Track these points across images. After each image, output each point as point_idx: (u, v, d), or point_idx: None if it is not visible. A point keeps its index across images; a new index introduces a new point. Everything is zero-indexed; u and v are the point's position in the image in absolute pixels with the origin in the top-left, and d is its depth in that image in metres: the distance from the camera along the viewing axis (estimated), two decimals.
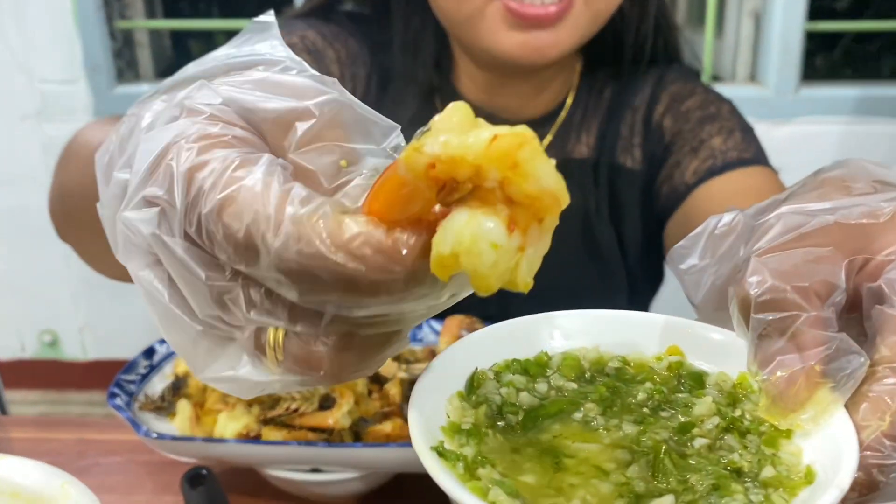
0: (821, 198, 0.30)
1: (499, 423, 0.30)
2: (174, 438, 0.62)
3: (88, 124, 0.72)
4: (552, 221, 0.26)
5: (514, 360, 0.33)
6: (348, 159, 0.29)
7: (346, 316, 0.27)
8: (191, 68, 0.33)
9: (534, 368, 0.33)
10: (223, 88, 0.30)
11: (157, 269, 0.30)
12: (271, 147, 0.30)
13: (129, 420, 0.64)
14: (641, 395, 0.30)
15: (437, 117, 0.27)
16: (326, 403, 0.65)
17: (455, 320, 0.74)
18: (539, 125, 0.83)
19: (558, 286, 0.67)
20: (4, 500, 0.57)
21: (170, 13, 2.52)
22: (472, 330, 0.73)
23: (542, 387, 0.32)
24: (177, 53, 2.59)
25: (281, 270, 0.26)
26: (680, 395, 0.30)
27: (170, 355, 0.75)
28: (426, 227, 0.26)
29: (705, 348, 0.31)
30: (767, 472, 0.25)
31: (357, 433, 0.65)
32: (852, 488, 0.23)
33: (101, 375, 2.40)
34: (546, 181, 0.25)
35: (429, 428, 0.29)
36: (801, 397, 0.26)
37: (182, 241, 0.28)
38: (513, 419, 0.30)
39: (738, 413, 0.28)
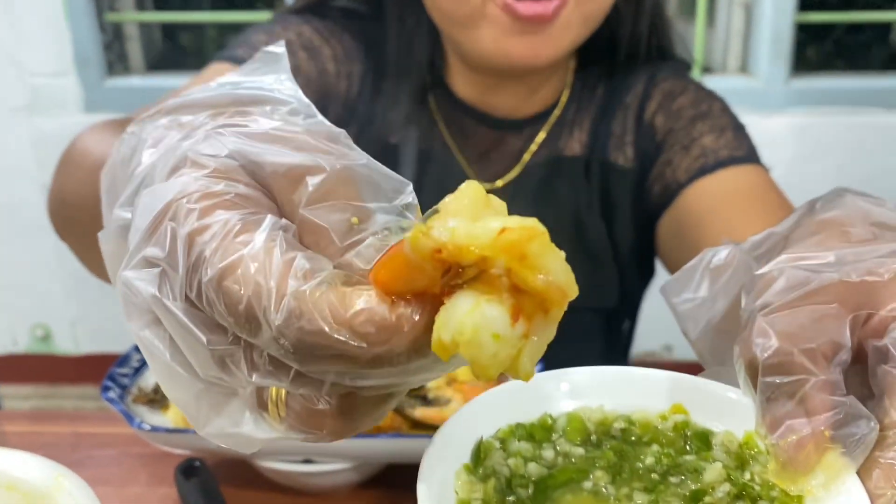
0: (820, 245, 0.30)
1: (509, 498, 0.30)
2: (168, 430, 0.62)
3: (87, 130, 0.71)
4: (558, 313, 0.26)
5: (519, 424, 0.33)
6: (360, 216, 0.29)
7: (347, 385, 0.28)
8: (197, 92, 0.33)
9: (539, 433, 0.32)
10: (230, 140, 0.29)
11: (158, 328, 0.29)
12: (279, 202, 0.29)
13: (122, 413, 0.64)
14: (650, 460, 0.30)
15: (447, 198, 0.26)
16: None
17: None
18: (532, 123, 0.83)
19: None
20: (1, 494, 0.57)
21: (160, 6, 2.50)
22: None
23: (548, 454, 0.32)
24: (167, 46, 2.58)
25: (282, 345, 0.26)
26: (687, 457, 0.30)
27: None
28: (431, 300, 0.26)
29: (710, 405, 0.31)
30: None
31: None
32: None
33: (94, 369, 2.40)
34: (554, 275, 0.25)
35: None
36: (811, 462, 0.26)
37: (182, 303, 0.28)
38: (523, 493, 0.30)
39: (747, 477, 0.28)
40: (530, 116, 0.83)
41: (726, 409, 0.30)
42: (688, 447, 0.31)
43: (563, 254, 0.26)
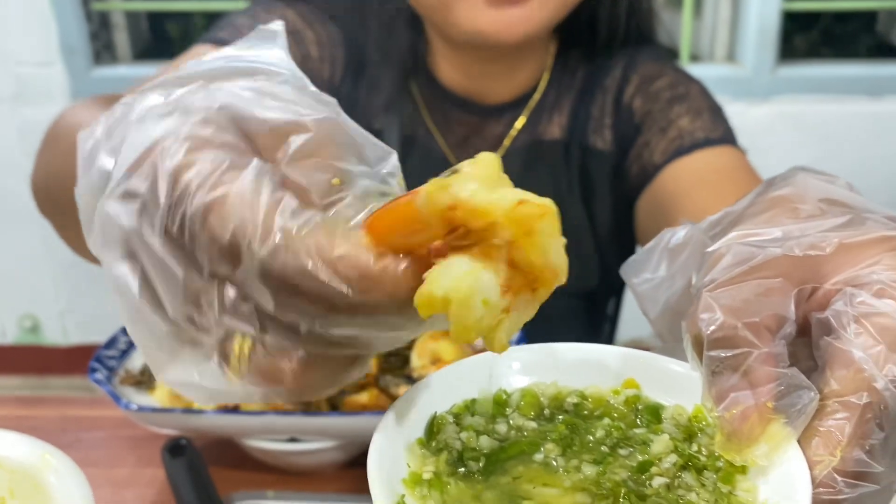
0: (770, 222, 0.31)
1: (460, 470, 0.30)
2: (154, 410, 0.63)
3: (74, 105, 0.71)
4: (544, 294, 0.27)
5: (473, 400, 0.33)
6: (341, 178, 0.29)
7: (317, 333, 0.28)
8: (192, 66, 0.33)
9: (493, 408, 0.33)
10: (220, 94, 0.30)
11: (131, 263, 0.29)
12: (264, 158, 0.29)
13: (109, 393, 0.64)
14: (600, 433, 0.31)
15: (467, 164, 0.27)
16: None
17: None
18: (513, 108, 0.83)
19: None
20: None
21: None
22: None
23: (502, 427, 0.32)
24: (154, 36, 2.57)
25: (262, 279, 0.26)
26: (637, 430, 0.30)
27: None
28: (417, 260, 0.26)
29: (661, 380, 0.31)
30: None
31: (334, 405, 0.66)
32: None
33: (82, 360, 2.39)
34: (553, 257, 0.26)
35: (389, 480, 0.29)
36: (755, 433, 0.27)
37: (161, 237, 0.28)
38: (474, 466, 0.30)
39: (694, 449, 0.29)
40: (511, 101, 0.83)
41: (677, 384, 0.31)
42: (638, 421, 0.31)
43: (564, 240, 0.26)
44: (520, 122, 0.83)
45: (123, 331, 0.75)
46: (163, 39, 2.61)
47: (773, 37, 2.04)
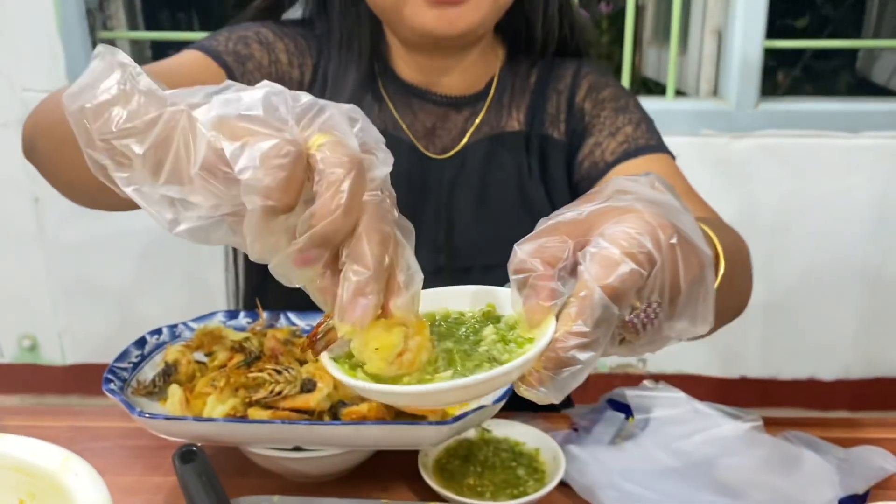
0: (574, 206, 0.46)
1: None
2: (167, 418, 0.67)
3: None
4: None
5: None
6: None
7: None
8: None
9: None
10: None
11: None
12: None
13: (123, 402, 0.69)
14: (462, 329, 0.47)
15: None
16: (307, 387, 0.70)
17: None
18: (471, 103, 0.96)
19: (499, 236, 0.82)
20: (8, 475, 0.61)
21: (151, 25, 2.56)
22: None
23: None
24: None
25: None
26: (485, 330, 0.46)
27: (160, 345, 0.80)
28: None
29: (505, 302, 0.47)
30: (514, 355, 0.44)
31: (335, 415, 0.70)
32: (546, 366, 0.42)
33: (80, 380, 2.43)
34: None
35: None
36: (538, 319, 0.43)
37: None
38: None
39: (509, 332, 0.45)
40: (468, 95, 0.96)
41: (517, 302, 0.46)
42: (487, 322, 0.47)
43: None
44: (479, 116, 0.96)
45: (135, 344, 0.79)
46: None
47: (756, 73, 2.12)
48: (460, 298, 0.49)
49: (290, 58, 0.94)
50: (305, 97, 0.42)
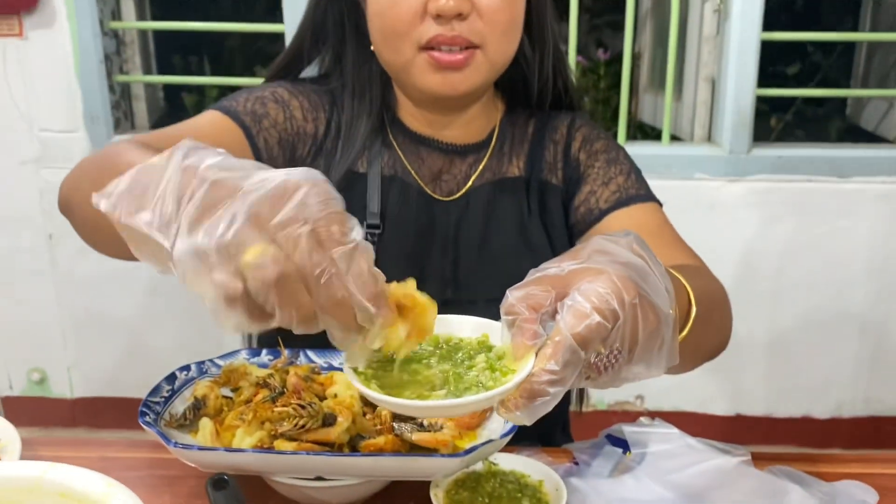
0: (558, 262, 0.55)
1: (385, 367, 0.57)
2: (200, 448, 0.72)
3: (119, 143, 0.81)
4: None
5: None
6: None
7: None
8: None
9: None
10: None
11: None
12: None
13: (159, 434, 0.74)
14: (459, 354, 0.58)
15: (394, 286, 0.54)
16: (328, 421, 0.76)
17: None
18: (474, 151, 1.04)
19: (501, 272, 0.89)
20: (56, 501, 0.66)
21: (164, 67, 2.65)
22: None
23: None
24: (169, 105, 2.72)
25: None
26: (478, 357, 0.57)
27: (189, 381, 0.86)
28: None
29: (497, 334, 0.57)
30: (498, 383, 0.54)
31: (354, 447, 0.76)
32: (522, 395, 0.51)
33: (87, 413, 2.47)
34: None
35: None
36: (521, 354, 0.52)
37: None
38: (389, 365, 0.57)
39: (497, 361, 0.55)
40: (471, 144, 1.04)
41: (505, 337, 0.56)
42: (480, 350, 0.58)
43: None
44: (482, 164, 1.04)
45: (165, 380, 0.85)
46: (178, 109, 2.77)
47: (748, 120, 2.20)
48: (463, 326, 0.60)
49: (305, 113, 1.01)
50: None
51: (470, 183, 1.02)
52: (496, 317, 0.56)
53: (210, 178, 0.49)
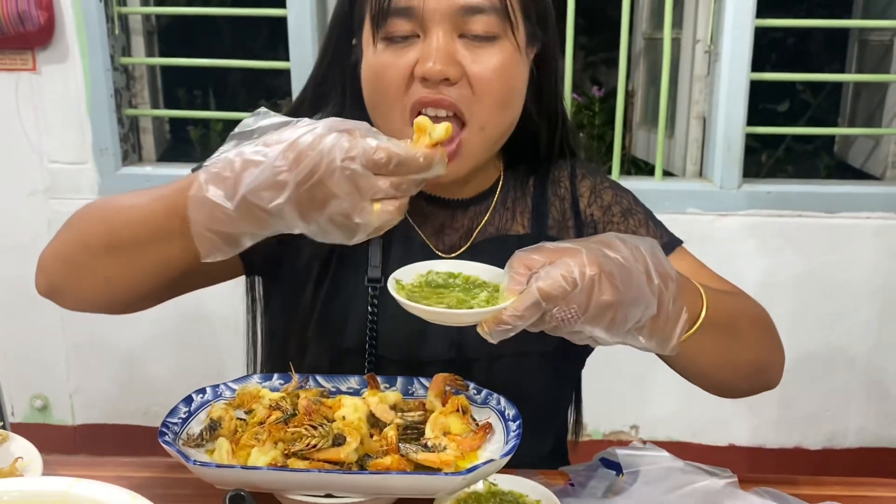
0: (558, 243, 0.74)
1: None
2: (218, 466, 0.77)
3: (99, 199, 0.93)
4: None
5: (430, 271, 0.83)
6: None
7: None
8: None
9: (425, 276, 0.82)
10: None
11: None
12: None
13: (178, 452, 0.78)
14: (475, 289, 0.78)
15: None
16: (338, 441, 0.80)
17: (441, 377, 0.90)
18: (475, 204, 1.02)
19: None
20: None
21: (170, 101, 2.72)
22: (455, 386, 0.90)
23: (437, 279, 0.81)
24: (175, 138, 2.79)
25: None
26: (483, 291, 0.78)
27: (205, 403, 0.90)
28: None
29: (497, 276, 0.77)
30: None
31: (362, 466, 0.80)
32: (492, 320, 0.71)
33: (88, 440, 2.49)
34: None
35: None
36: (509, 296, 0.71)
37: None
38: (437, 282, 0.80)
39: (494, 297, 0.75)
40: (473, 197, 1.02)
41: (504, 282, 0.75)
42: (487, 287, 0.79)
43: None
44: (485, 217, 1.02)
45: (183, 402, 0.89)
46: (183, 142, 2.83)
47: (738, 157, 2.26)
48: (486, 271, 0.81)
49: None
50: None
51: (472, 238, 1.01)
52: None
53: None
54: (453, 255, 1.01)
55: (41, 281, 0.96)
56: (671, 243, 1.03)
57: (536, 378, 1.01)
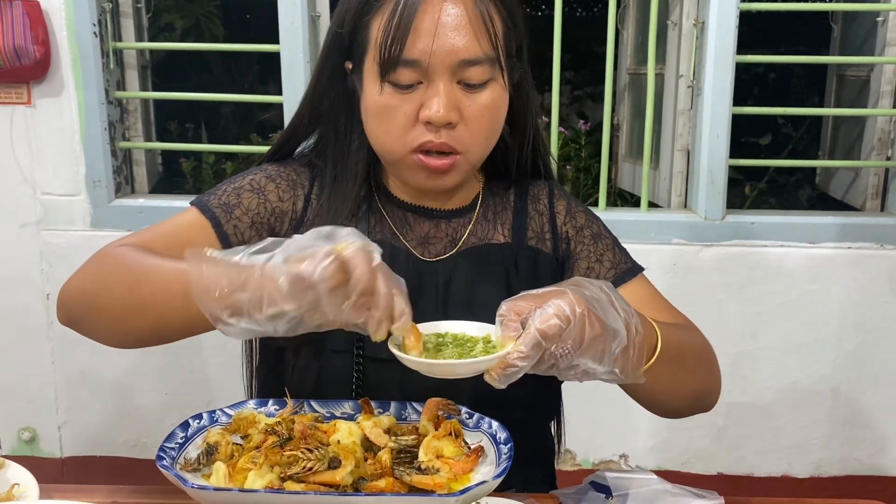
0: (539, 289, 0.79)
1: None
2: (215, 489, 0.78)
3: (119, 244, 0.99)
4: None
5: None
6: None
7: None
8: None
9: (434, 337, 0.86)
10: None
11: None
12: None
13: (176, 476, 0.79)
14: (468, 344, 0.83)
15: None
16: (334, 464, 0.82)
17: (433, 402, 0.92)
18: (458, 215, 1.10)
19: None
20: None
21: (161, 135, 2.75)
22: (447, 410, 0.92)
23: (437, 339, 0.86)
24: (166, 170, 2.81)
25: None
26: (478, 343, 0.83)
27: (202, 428, 0.91)
28: None
29: (493, 331, 0.82)
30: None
31: (357, 489, 0.82)
32: (501, 366, 0.77)
33: (76, 472, 2.47)
34: None
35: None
36: (505, 343, 0.77)
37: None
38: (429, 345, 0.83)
39: (490, 348, 0.80)
40: (456, 209, 1.11)
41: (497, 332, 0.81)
42: (480, 342, 0.84)
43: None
44: (467, 228, 1.10)
45: (180, 427, 0.90)
46: (175, 174, 2.86)
47: (722, 189, 2.31)
48: (472, 328, 0.86)
49: (281, 194, 1.08)
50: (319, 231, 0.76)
51: (456, 247, 1.08)
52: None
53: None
54: (438, 259, 1.08)
55: (61, 314, 1.01)
56: (634, 269, 1.11)
57: (521, 380, 1.05)
